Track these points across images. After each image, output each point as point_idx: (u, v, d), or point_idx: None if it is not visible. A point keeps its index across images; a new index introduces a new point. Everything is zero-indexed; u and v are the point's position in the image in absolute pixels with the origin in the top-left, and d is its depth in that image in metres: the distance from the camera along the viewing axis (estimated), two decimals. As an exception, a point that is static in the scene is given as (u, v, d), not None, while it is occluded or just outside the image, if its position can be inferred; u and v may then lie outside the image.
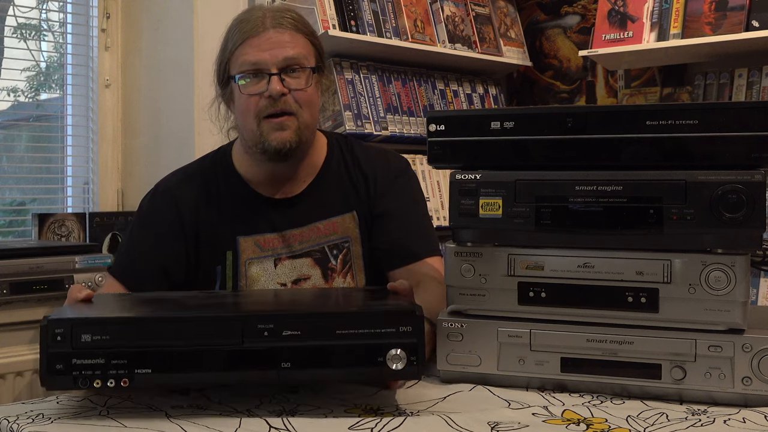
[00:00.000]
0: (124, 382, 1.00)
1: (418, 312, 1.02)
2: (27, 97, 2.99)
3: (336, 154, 1.65)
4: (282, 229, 1.58)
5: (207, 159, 1.68)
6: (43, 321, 1.00)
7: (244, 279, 1.57)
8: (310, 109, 1.53)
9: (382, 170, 1.64)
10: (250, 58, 1.49)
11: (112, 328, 1.00)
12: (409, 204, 1.64)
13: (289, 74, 1.50)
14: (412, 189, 1.67)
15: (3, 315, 2.18)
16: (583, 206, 1.13)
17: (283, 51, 1.50)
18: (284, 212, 1.59)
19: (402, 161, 1.71)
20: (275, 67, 1.49)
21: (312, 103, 1.54)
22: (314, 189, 1.61)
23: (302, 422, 0.99)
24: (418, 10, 2.99)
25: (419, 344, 1.01)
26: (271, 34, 1.50)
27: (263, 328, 1.00)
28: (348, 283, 1.60)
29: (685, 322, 1.10)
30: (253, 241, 1.58)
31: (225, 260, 1.57)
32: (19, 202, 2.97)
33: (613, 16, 2.81)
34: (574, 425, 1.00)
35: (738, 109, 1.11)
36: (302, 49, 1.52)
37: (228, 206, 1.59)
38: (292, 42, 1.51)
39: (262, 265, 1.58)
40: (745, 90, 2.70)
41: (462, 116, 1.21)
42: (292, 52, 1.50)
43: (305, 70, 1.52)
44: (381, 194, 1.62)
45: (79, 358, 0.99)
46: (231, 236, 1.57)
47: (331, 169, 1.63)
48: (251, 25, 1.51)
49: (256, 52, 1.49)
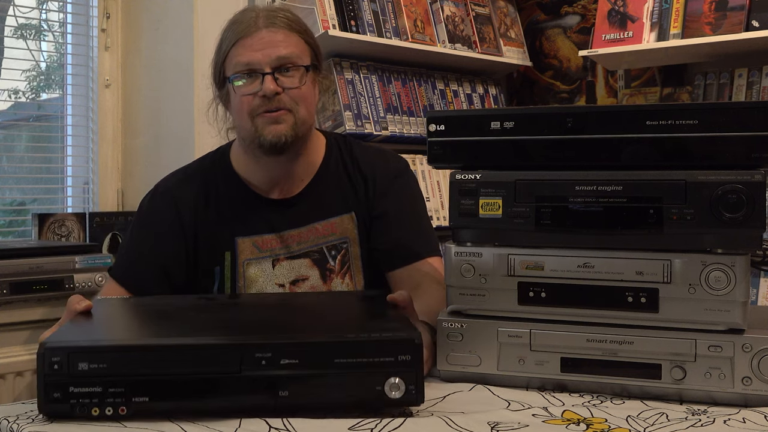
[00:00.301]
0: (122, 411, 1.00)
1: (417, 340, 1.02)
2: (27, 97, 2.99)
3: (335, 154, 1.64)
4: (280, 229, 1.58)
5: (206, 159, 1.68)
6: (40, 348, 1.00)
7: (242, 280, 1.57)
8: (305, 105, 1.53)
9: (382, 171, 1.64)
10: (244, 58, 1.50)
11: (109, 356, 1.00)
12: (408, 204, 1.63)
13: (282, 73, 1.50)
14: (411, 189, 1.67)
15: (3, 315, 2.18)
16: (583, 206, 1.13)
17: (275, 50, 1.50)
18: (282, 213, 1.59)
19: (401, 161, 1.70)
20: (268, 67, 1.49)
21: (307, 99, 1.53)
22: (312, 189, 1.61)
23: (302, 422, 0.99)
24: (418, 10, 2.99)
25: (418, 373, 1.01)
26: (264, 33, 1.50)
27: (261, 357, 1.00)
28: (347, 284, 1.60)
29: (685, 322, 1.10)
30: (252, 242, 1.57)
31: (224, 261, 1.57)
32: (19, 202, 2.97)
33: (613, 16, 2.81)
34: (574, 425, 1.00)
35: (738, 109, 1.11)
36: (295, 48, 1.52)
37: (226, 207, 1.59)
38: (285, 41, 1.51)
39: (260, 266, 1.58)
40: (745, 90, 2.70)
41: (462, 116, 1.21)
42: (285, 51, 1.50)
43: (299, 68, 1.52)
44: (380, 195, 1.61)
45: (76, 387, 0.99)
46: (230, 237, 1.57)
47: (330, 169, 1.63)
48: (244, 25, 1.52)
49: (249, 52, 1.49)
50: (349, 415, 1.03)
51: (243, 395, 1.01)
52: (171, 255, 1.57)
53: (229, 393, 1.01)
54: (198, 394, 1.01)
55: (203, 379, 1.01)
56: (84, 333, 1.15)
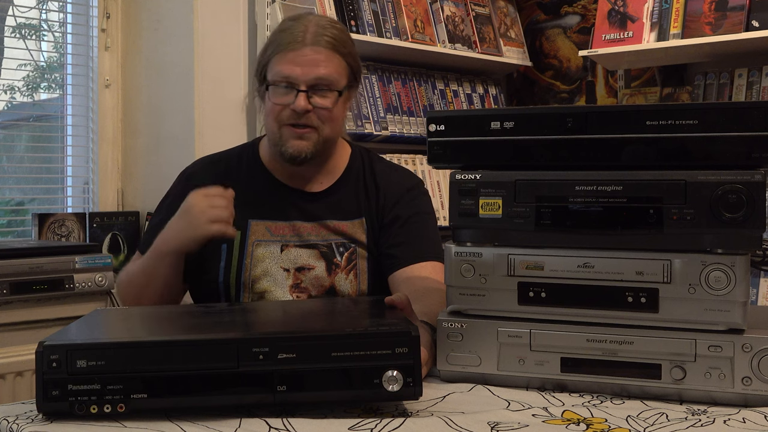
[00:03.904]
0: (120, 408, 1.00)
1: (414, 332, 1.02)
2: (27, 97, 2.99)
3: (357, 165, 1.71)
4: (292, 218, 1.63)
5: (237, 147, 1.76)
6: (39, 347, 1.00)
7: (249, 258, 1.61)
8: (332, 125, 1.59)
9: (395, 183, 1.70)
10: (284, 71, 1.55)
11: (107, 353, 1.01)
12: (417, 213, 1.68)
13: (317, 92, 1.55)
14: (422, 201, 1.71)
15: (3, 315, 2.18)
16: (583, 206, 1.13)
17: (315, 70, 1.55)
18: (299, 206, 1.64)
19: (415, 179, 1.77)
20: (305, 84, 1.54)
21: (335, 120, 1.60)
22: (332, 193, 1.67)
23: (302, 422, 0.99)
24: (418, 10, 2.99)
25: (416, 365, 1.01)
26: (308, 51, 1.55)
27: (258, 351, 1.00)
28: (350, 281, 1.62)
29: (685, 322, 1.10)
30: (265, 226, 1.63)
31: (232, 240, 1.60)
32: (19, 202, 2.98)
33: (613, 16, 2.81)
34: (574, 425, 1.00)
35: (738, 109, 1.11)
36: (335, 71, 1.57)
37: (245, 189, 1.63)
38: (326, 62, 1.56)
39: (269, 248, 1.61)
40: (745, 90, 2.70)
41: (462, 116, 1.21)
42: (324, 72, 1.55)
43: (334, 91, 1.57)
44: (391, 204, 1.66)
45: (75, 384, 0.99)
46: (243, 218, 1.61)
47: (351, 177, 1.69)
48: (292, 37, 1.56)
49: (290, 66, 1.55)
50: (349, 415, 1.03)
51: (241, 390, 1.01)
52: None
53: (227, 388, 1.01)
54: (196, 390, 1.01)
55: (201, 375, 1.01)
56: (83, 332, 1.15)
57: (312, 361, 1.01)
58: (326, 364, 1.01)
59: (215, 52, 2.72)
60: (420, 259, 1.59)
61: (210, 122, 2.71)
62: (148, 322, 1.31)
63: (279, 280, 1.60)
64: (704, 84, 2.80)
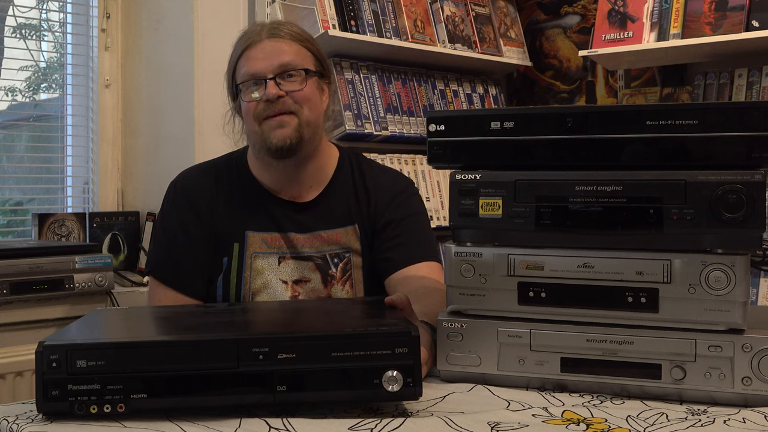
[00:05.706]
0: (120, 408, 1.00)
1: (414, 333, 1.02)
2: (27, 97, 2.99)
3: (345, 168, 1.70)
4: (285, 230, 1.63)
5: (223, 157, 1.74)
6: (39, 347, 1.00)
7: (248, 270, 1.61)
8: (309, 106, 1.59)
9: (386, 186, 1.69)
10: (249, 68, 1.58)
11: (107, 353, 1.01)
12: (410, 215, 1.68)
13: (285, 78, 1.57)
14: (413, 203, 1.71)
15: (3, 315, 2.18)
16: (583, 206, 1.13)
17: (278, 58, 1.57)
18: (291, 216, 1.64)
19: (406, 180, 1.76)
20: (271, 73, 1.57)
21: (310, 101, 1.59)
22: (322, 200, 1.66)
23: (302, 422, 0.99)
24: (418, 10, 2.99)
25: (416, 365, 1.01)
26: (267, 43, 1.59)
27: (258, 351, 1.01)
28: (347, 291, 1.63)
29: (685, 322, 1.10)
30: (261, 238, 1.62)
31: (232, 251, 1.61)
32: (19, 202, 2.97)
33: (613, 16, 2.81)
34: (574, 425, 1.00)
35: (738, 109, 1.11)
36: (296, 55, 1.59)
37: (238, 201, 1.64)
38: (288, 49, 1.59)
39: (267, 260, 1.61)
40: (745, 90, 2.70)
41: (462, 116, 1.21)
42: (288, 58, 1.58)
43: (300, 72, 1.58)
44: (383, 208, 1.66)
45: (74, 384, 0.99)
46: (240, 230, 1.61)
47: (339, 182, 1.68)
48: (249, 38, 1.61)
49: (253, 62, 1.58)
50: (349, 415, 1.03)
51: (241, 390, 1.01)
52: (200, 245, 1.62)
53: (227, 388, 1.01)
54: (196, 390, 1.01)
55: (201, 375, 1.01)
56: (83, 332, 1.15)
57: (312, 361, 1.01)
58: (326, 364, 1.01)
59: (215, 52, 2.71)
60: (417, 260, 1.60)
61: (210, 122, 2.70)
62: (148, 322, 1.31)
63: (278, 293, 1.60)
64: (704, 84, 2.80)
